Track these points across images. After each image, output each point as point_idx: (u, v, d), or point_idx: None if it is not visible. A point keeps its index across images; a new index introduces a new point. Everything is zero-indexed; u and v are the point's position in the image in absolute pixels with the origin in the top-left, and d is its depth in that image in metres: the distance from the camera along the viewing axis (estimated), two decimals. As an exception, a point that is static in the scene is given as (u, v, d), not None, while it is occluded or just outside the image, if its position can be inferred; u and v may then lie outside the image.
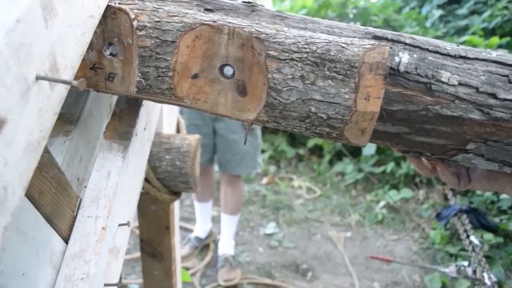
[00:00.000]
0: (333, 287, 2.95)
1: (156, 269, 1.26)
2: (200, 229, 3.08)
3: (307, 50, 0.54)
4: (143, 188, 1.11)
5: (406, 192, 3.89)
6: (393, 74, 0.60)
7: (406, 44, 0.63)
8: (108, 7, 0.60)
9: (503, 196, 3.63)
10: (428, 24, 6.12)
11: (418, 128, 0.63)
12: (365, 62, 0.54)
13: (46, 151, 0.55)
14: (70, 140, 0.74)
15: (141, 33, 0.57)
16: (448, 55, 0.63)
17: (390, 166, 4.02)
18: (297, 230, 3.47)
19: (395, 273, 3.14)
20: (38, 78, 0.43)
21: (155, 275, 1.27)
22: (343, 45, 0.54)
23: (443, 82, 0.61)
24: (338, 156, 4.42)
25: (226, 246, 2.92)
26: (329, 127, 0.57)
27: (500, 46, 5.11)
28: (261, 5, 0.65)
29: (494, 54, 0.65)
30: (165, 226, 1.21)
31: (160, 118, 1.13)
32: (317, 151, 4.53)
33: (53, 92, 0.46)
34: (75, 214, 0.64)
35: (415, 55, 0.61)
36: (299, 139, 4.62)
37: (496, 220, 3.54)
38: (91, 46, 0.62)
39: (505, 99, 0.61)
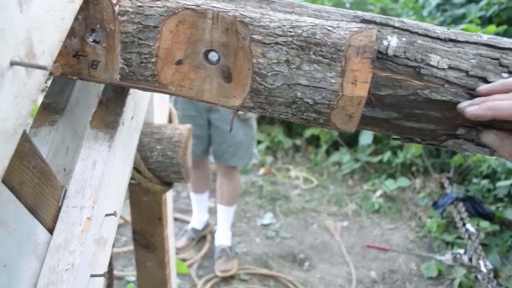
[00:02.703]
0: (330, 276, 2.96)
1: (150, 260, 1.25)
2: (197, 221, 3.08)
3: (292, 33, 0.53)
4: (134, 179, 1.10)
5: (403, 181, 3.89)
6: (382, 58, 0.59)
7: (395, 27, 0.61)
8: (89, -7, 0.59)
9: (500, 184, 3.63)
10: (425, 13, 6.10)
11: (407, 113, 0.62)
12: (352, 46, 0.53)
13: (28, 140, 0.54)
14: (56, 130, 0.72)
15: (123, 18, 0.56)
16: (438, 38, 0.62)
17: (386, 156, 4.02)
18: (294, 220, 3.47)
19: (391, 261, 3.15)
20: (12, 63, 0.42)
21: (149, 266, 1.27)
22: (329, 28, 0.53)
23: (432, 66, 0.59)
24: (335, 146, 4.41)
25: (222, 237, 2.92)
26: (316, 112, 0.56)
27: (497, 35, 5.10)
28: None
29: (485, 37, 0.64)
30: (158, 217, 1.20)
31: (150, 108, 1.12)
32: (314, 141, 4.52)
33: (29, 79, 0.45)
34: (60, 204, 0.63)
35: (404, 39, 0.60)
36: (296, 130, 4.61)
37: (492, 208, 3.55)
38: (73, 33, 0.61)
39: (495, 83, 0.60)
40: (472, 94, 0.60)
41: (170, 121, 1.31)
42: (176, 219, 3.36)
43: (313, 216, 3.54)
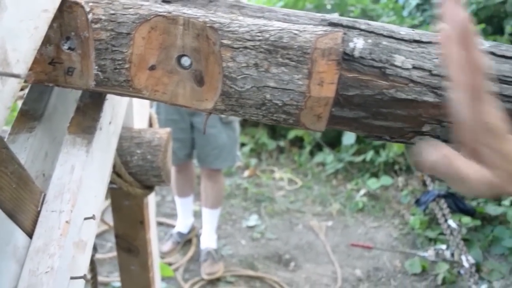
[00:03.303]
0: (316, 276, 2.99)
1: (133, 264, 1.26)
2: (182, 224, 3.09)
3: (260, 38, 0.55)
4: (115, 183, 1.11)
5: (386, 180, 3.94)
6: (348, 59, 0.61)
7: (361, 29, 0.64)
8: (64, 1, 0.60)
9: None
10: (405, 13, 6.17)
11: (375, 112, 0.64)
12: (318, 48, 0.55)
13: (4, 146, 0.55)
14: (34, 136, 0.74)
15: (96, 26, 0.58)
16: (402, 39, 0.64)
17: (369, 155, 4.07)
18: (279, 222, 3.50)
19: (376, 259, 3.19)
20: (-14, 72, 0.43)
21: (132, 270, 1.28)
22: (296, 32, 0.55)
23: (397, 66, 0.62)
24: (318, 146, 4.45)
25: (208, 240, 2.93)
26: (285, 113, 0.58)
27: (476, 33, 5.18)
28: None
29: (447, 38, 0.67)
30: (140, 220, 1.21)
31: (130, 113, 1.13)
32: (298, 142, 4.56)
33: (4, 87, 0.46)
34: (39, 209, 0.64)
35: (369, 40, 0.63)
36: (279, 131, 4.64)
37: (474, 203, 3.61)
38: (48, 41, 0.62)
39: (457, 81, 0.63)
40: (435, 92, 0.63)
41: (150, 125, 1.32)
42: (161, 223, 3.37)
43: (298, 217, 3.57)
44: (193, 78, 0.59)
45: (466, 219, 3.42)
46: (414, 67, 0.62)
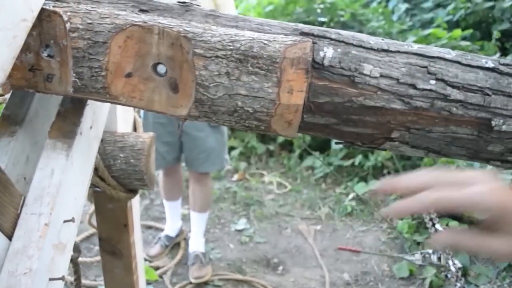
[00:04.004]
0: (304, 280, 3.00)
1: (117, 267, 1.28)
2: (170, 228, 3.10)
3: (232, 47, 0.57)
4: (98, 187, 1.13)
5: (375, 184, 3.96)
6: (318, 68, 0.64)
7: (331, 39, 0.66)
8: (43, 10, 0.62)
9: (467, 184, 3.73)
10: (394, 17, 6.22)
11: (345, 119, 0.67)
12: (286, 58, 0.57)
13: (-16, 151, 0.57)
14: (16, 141, 0.75)
15: (74, 34, 0.60)
16: (371, 48, 0.67)
17: (358, 159, 4.10)
18: (268, 225, 3.52)
19: (364, 263, 3.21)
20: (-37, 80, 0.45)
21: (116, 273, 1.29)
22: (266, 42, 0.57)
23: (365, 75, 0.64)
24: (308, 150, 4.48)
25: (196, 244, 2.94)
26: (257, 120, 0.60)
27: (464, 38, 5.25)
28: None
29: (416, 47, 0.69)
30: (123, 223, 1.22)
31: (114, 117, 1.15)
32: (288, 146, 4.58)
33: (-19, 94, 0.48)
34: (18, 211, 0.66)
35: (339, 50, 0.65)
36: (269, 135, 4.66)
37: (461, 208, 3.64)
38: (28, 48, 0.64)
39: (424, 89, 0.65)
40: (402, 100, 0.65)
41: (135, 129, 1.34)
42: (149, 227, 3.38)
43: (286, 221, 3.59)
44: (168, 85, 0.61)
45: (454, 223, 3.44)
46: (382, 76, 0.65)
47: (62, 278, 0.66)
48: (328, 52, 0.64)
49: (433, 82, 0.66)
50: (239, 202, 3.78)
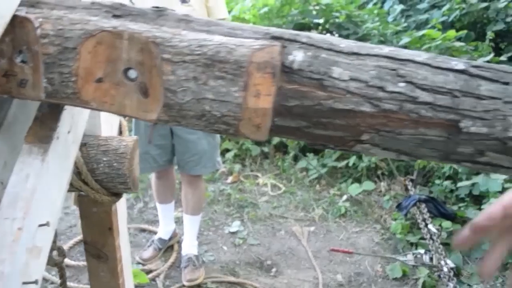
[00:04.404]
0: (297, 282, 3.01)
1: (102, 270, 1.28)
2: (163, 231, 3.10)
3: (199, 52, 0.58)
4: (82, 191, 1.13)
5: (368, 185, 3.98)
6: (288, 71, 0.64)
7: (302, 43, 0.67)
8: (15, 17, 0.63)
9: (460, 184, 3.74)
10: (390, 19, 6.22)
11: (315, 122, 0.68)
12: (253, 62, 0.58)
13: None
14: (-7, 146, 0.76)
15: (44, 40, 0.60)
16: (342, 52, 0.68)
17: (352, 160, 4.11)
18: (262, 227, 3.52)
19: (357, 264, 3.22)
20: None
21: (101, 276, 1.29)
22: (233, 46, 0.58)
23: (334, 78, 0.65)
24: (302, 152, 4.49)
25: (189, 246, 2.95)
26: (225, 124, 0.61)
27: (459, 39, 5.27)
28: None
29: (387, 50, 0.70)
30: (108, 227, 1.23)
31: (97, 121, 1.16)
32: (282, 148, 4.59)
33: None
34: (-8, 216, 0.66)
35: (309, 53, 0.66)
36: (263, 137, 4.66)
37: (455, 208, 3.65)
38: (2, 54, 0.65)
39: (392, 92, 0.66)
40: (371, 102, 0.66)
41: (120, 133, 1.34)
42: (143, 230, 3.38)
43: (280, 222, 3.60)
44: (139, 90, 0.62)
45: (447, 224, 3.46)
46: (351, 79, 0.66)
47: (36, 282, 0.67)
48: (297, 56, 0.64)
49: (402, 84, 0.66)
50: (233, 204, 3.79)
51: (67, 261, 2.91)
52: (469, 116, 0.68)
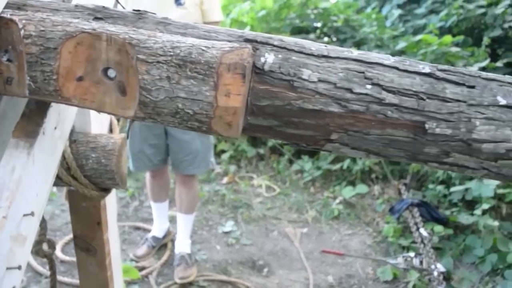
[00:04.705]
0: (288, 282, 3.04)
1: (91, 264, 1.32)
2: (157, 229, 3.14)
3: (172, 53, 0.62)
4: (71, 186, 1.17)
5: (362, 188, 4.01)
6: (259, 73, 0.68)
7: (274, 45, 0.71)
8: (1, 18, 0.66)
9: (453, 189, 3.77)
10: (388, 23, 6.26)
11: (286, 121, 0.71)
12: (223, 63, 0.62)
13: None
14: (-19, 139, 0.80)
15: (27, 41, 0.64)
16: (312, 54, 0.71)
17: (346, 163, 4.14)
18: (255, 228, 3.56)
19: (348, 266, 3.25)
20: None
21: (90, 269, 1.33)
22: (204, 48, 0.62)
23: (304, 79, 0.69)
24: (298, 154, 4.52)
25: (182, 245, 2.98)
26: (198, 121, 0.64)
27: (457, 45, 5.30)
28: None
29: (356, 53, 0.74)
30: (97, 221, 1.26)
31: (87, 119, 1.20)
32: (278, 150, 4.63)
33: None
34: (-21, 205, 0.70)
35: (280, 56, 0.69)
36: (260, 139, 4.71)
37: (447, 212, 3.68)
38: (-11, 53, 0.68)
39: (360, 93, 0.70)
40: (340, 103, 0.70)
41: (111, 131, 1.38)
42: (138, 228, 3.42)
43: (273, 223, 3.63)
44: (117, 88, 0.66)
45: (439, 228, 3.49)
46: (320, 80, 0.69)
47: (19, 268, 0.70)
48: (269, 58, 0.68)
49: (369, 86, 0.70)
50: (227, 204, 3.82)
51: (62, 256, 2.95)
52: (434, 117, 0.71)
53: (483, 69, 4.50)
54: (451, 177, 3.91)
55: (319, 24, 5.63)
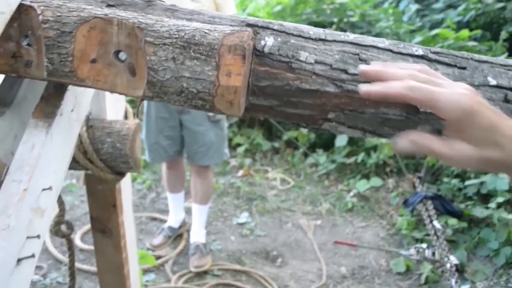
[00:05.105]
0: (301, 272, 3.09)
1: (107, 245, 1.38)
2: (173, 219, 3.21)
3: (177, 36, 0.67)
4: (88, 169, 1.23)
5: (376, 181, 4.03)
6: (260, 55, 0.73)
7: (274, 30, 0.75)
8: (21, 5, 0.72)
9: (469, 182, 3.78)
10: (405, 18, 6.23)
11: (285, 101, 0.76)
12: (224, 45, 0.66)
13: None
14: (4, 120, 0.86)
15: (45, 25, 0.70)
16: (310, 38, 0.75)
17: (361, 156, 4.16)
18: (269, 219, 3.61)
19: (362, 258, 3.28)
20: None
21: (106, 251, 1.39)
22: (207, 31, 0.67)
23: (301, 61, 0.73)
24: (313, 148, 4.56)
25: (197, 235, 3.05)
26: (201, 99, 0.69)
27: (475, 39, 5.27)
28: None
29: (352, 37, 0.78)
30: (112, 204, 1.33)
31: (103, 106, 1.26)
32: (293, 143, 4.67)
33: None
34: (2, 179, 0.76)
35: (279, 39, 0.74)
36: (275, 133, 4.75)
37: (462, 206, 3.69)
38: (10, 38, 0.74)
39: (354, 74, 0.74)
40: (335, 83, 0.74)
41: (126, 118, 1.44)
42: (154, 219, 3.50)
43: (287, 215, 3.68)
44: (127, 70, 0.71)
45: (453, 221, 3.50)
46: (317, 62, 0.74)
47: (38, 236, 0.76)
48: (268, 41, 0.73)
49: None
50: (242, 196, 3.88)
51: (81, 245, 3.05)
52: (426, 97, 0.75)
53: (447, 50, 4.47)
54: (466, 171, 3.91)
55: (335, 19, 5.64)
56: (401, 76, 0.67)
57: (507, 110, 0.73)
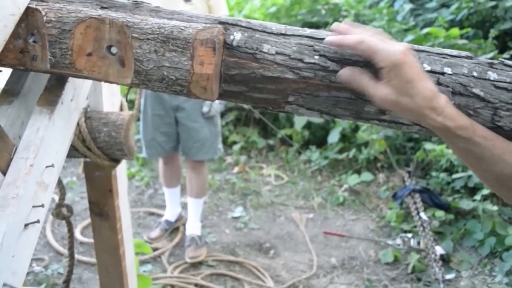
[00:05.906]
0: (293, 263, 3.22)
1: (104, 227, 1.52)
2: (170, 213, 3.35)
3: (158, 32, 0.80)
4: (86, 156, 1.37)
5: (367, 176, 4.16)
6: (229, 48, 0.86)
7: (242, 26, 0.89)
8: (28, 8, 0.86)
9: (456, 176, 3.90)
10: (399, 17, 6.33)
11: (252, 87, 0.89)
12: (197, 39, 0.80)
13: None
14: (12, 108, 1.00)
15: (49, 25, 0.83)
16: (272, 33, 0.89)
17: (352, 152, 4.30)
18: (263, 213, 3.74)
19: (352, 249, 3.41)
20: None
21: (103, 233, 1.53)
22: (183, 28, 0.80)
23: (264, 52, 0.86)
24: (306, 145, 4.69)
25: (192, 227, 3.18)
26: (179, 85, 0.83)
27: (467, 38, 5.39)
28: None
29: (309, 31, 0.91)
30: (109, 189, 1.46)
31: (100, 99, 1.40)
32: (287, 141, 4.80)
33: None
34: (12, 156, 0.89)
35: (246, 34, 0.87)
36: (270, 131, 4.88)
37: (450, 199, 3.81)
38: (19, 36, 0.88)
39: (309, 63, 0.87)
40: (293, 71, 0.87)
41: (121, 110, 1.58)
42: (152, 214, 3.63)
43: (281, 209, 3.81)
44: (118, 61, 0.85)
45: (440, 213, 3.63)
46: (277, 53, 0.87)
47: (42, 205, 0.89)
48: (237, 36, 0.86)
49: (316, 57, 0.87)
50: (237, 192, 4.02)
51: (81, 238, 3.18)
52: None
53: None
54: (455, 165, 4.03)
55: (330, 20, 5.76)
56: (360, 34, 0.83)
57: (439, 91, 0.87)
